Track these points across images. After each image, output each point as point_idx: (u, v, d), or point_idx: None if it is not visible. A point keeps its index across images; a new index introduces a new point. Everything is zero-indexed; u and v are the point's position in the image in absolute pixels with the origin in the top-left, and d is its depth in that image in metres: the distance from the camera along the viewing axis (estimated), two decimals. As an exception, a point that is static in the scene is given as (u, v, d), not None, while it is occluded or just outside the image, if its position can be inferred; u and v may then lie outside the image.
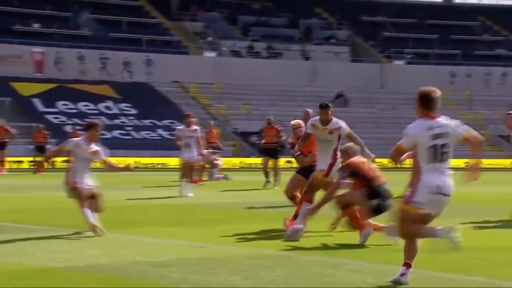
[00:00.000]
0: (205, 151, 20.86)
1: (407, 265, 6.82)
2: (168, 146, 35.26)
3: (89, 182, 10.38)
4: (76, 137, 13.10)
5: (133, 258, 8.35)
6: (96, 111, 43.88)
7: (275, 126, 22.28)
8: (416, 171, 6.86)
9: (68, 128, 41.18)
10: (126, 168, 10.95)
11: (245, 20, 56.42)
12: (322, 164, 10.77)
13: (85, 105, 44.25)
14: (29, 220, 11.98)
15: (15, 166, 35.50)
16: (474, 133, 6.95)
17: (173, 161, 34.75)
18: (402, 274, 6.80)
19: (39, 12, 48.80)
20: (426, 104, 6.87)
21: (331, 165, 10.74)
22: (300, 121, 12.23)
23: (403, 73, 54.31)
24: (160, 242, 9.64)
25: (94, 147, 10.53)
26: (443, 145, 6.82)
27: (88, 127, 10.70)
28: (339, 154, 10.61)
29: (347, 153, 10.13)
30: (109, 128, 41.74)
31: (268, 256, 8.56)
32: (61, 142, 43.83)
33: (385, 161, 45.82)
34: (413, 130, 6.89)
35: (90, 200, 10.22)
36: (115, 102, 44.88)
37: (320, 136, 10.82)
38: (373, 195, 9.73)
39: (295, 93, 49.33)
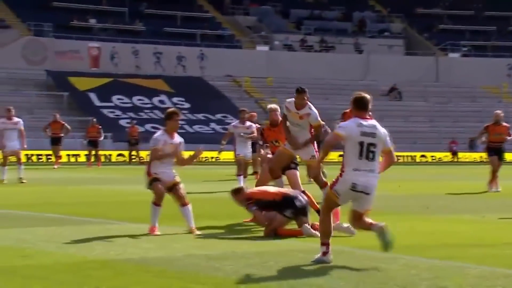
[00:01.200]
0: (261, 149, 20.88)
1: (326, 244, 7.59)
2: (220, 140, 35.45)
3: (170, 173, 10.07)
4: (134, 131, 13.16)
5: (187, 251, 8.42)
6: (150, 105, 44.37)
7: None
8: (343, 164, 7.67)
9: (123, 122, 41.78)
10: (196, 154, 10.15)
11: (298, 14, 56.29)
12: (306, 149, 10.55)
13: (140, 99, 44.76)
14: (86, 213, 12.18)
15: (72, 159, 36.19)
16: (393, 152, 7.86)
17: (226, 155, 34.93)
18: (325, 253, 7.54)
19: (95, 7, 49.52)
20: (359, 106, 7.72)
21: (316, 150, 10.58)
22: (277, 106, 11.74)
23: (458, 66, 53.49)
24: (214, 235, 9.70)
25: (177, 139, 10.15)
26: (370, 144, 7.57)
27: (168, 117, 10.16)
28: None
29: (239, 192, 10.02)
30: (163, 122, 42.09)
31: (318, 250, 8.53)
32: (116, 136, 44.87)
33: (439, 155, 45.45)
34: (347, 123, 7.80)
35: (172, 192, 10.06)
36: (168, 96, 45.29)
37: (291, 119, 10.70)
38: (283, 207, 9.73)
39: (347, 87, 49.02)
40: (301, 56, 51.93)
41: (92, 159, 31.63)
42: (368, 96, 7.80)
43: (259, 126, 23.54)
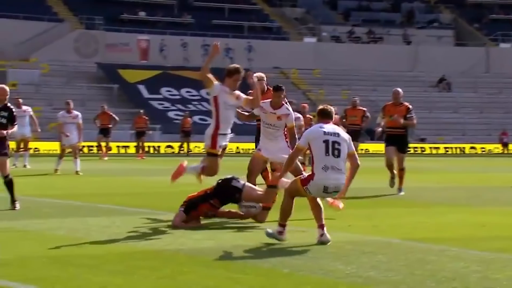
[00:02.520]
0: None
1: (283, 226, 8.36)
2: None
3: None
4: (187, 123, 13.33)
5: (235, 242, 8.49)
6: (198, 97, 44.64)
7: (361, 108, 21.66)
8: (312, 163, 8.31)
9: (171, 114, 42.15)
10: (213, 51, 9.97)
11: (345, 5, 55.94)
12: (283, 151, 9.97)
13: (188, 91, 45.07)
14: (136, 204, 12.34)
15: (122, 151, 36.66)
16: (356, 155, 8.47)
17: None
18: (280, 232, 8.32)
19: (145, 1, 49.97)
20: (323, 116, 8.49)
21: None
22: (262, 74, 11.13)
23: (509, 57, 52.56)
24: (261, 226, 9.74)
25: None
26: (334, 142, 8.22)
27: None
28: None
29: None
30: (211, 114, 42.29)
31: (369, 242, 8.52)
32: (164, 127, 45.12)
33: (489, 146, 44.73)
34: (308, 132, 8.50)
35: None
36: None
37: (266, 120, 10.16)
38: (222, 198, 9.72)
39: (396, 78, 48.58)
40: (349, 47, 51.61)
41: (141, 150, 31.99)
42: (331, 108, 8.63)
43: (310, 117, 23.50)
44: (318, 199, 8.53)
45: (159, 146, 38.49)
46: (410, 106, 14.66)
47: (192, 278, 6.53)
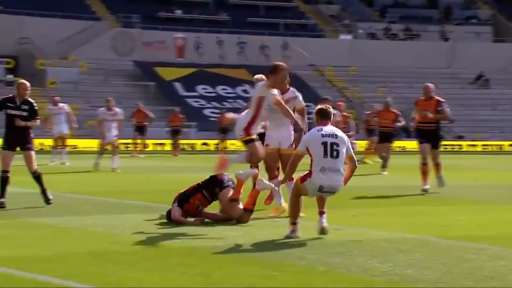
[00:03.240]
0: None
1: (295, 224, 8.50)
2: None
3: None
4: (224, 120, 13.37)
5: (271, 239, 8.50)
6: (234, 95, 44.74)
7: (393, 110, 21.20)
8: (311, 163, 8.47)
9: (207, 112, 42.29)
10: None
11: (382, 2, 55.58)
12: (286, 138, 10.24)
13: (223, 89, 45.19)
14: (172, 201, 12.40)
15: (158, 148, 36.90)
16: (355, 157, 8.71)
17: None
18: (293, 231, 8.47)
19: (181, -2, 50.23)
20: (322, 117, 8.62)
21: (295, 139, 10.22)
22: (263, 76, 10.99)
23: (549, 53, 51.82)
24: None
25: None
26: (333, 143, 8.39)
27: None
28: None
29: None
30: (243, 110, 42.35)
31: (405, 240, 8.47)
32: (200, 125, 45.24)
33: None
34: (306, 136, 8.70)
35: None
36: (252, 86, 45.50)
37: (274, 105, 10.13)
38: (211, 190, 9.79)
39: (433, 75, 48.11)
40: (385, 44, 51.27)
41: (175, 148, 32.14)
42: (330, 108, 8.78)
43: (347, 115, 23.35)
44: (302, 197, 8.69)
45: (194, 144, 38.67)
46: (441, 99, 14.45)
47: (227, 275, 6.55)
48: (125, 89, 42.48)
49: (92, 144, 34.87)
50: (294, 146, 10.09)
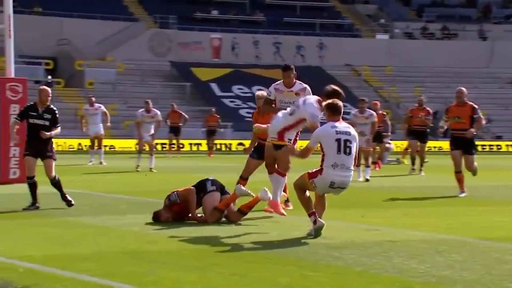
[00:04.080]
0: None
1: (312, 213, 8.50)
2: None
3: None
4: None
5: (307, 239, 8.49)
6: (269, 95, 44.72)
7: (426, 108, 20.87)
8: (322, 159, 8.48)
9: (242, 112, 42.38)
10: None
11: (419, 1, 55.17)
12: (269, 130, 10.04)
13: (259, 89, 45.08)
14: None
15: (194, 148, 37.07)
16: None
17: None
18: (315, 222, 8.46)
19: (218, -1, 50.43)
20: (333, 112, 8.62)
21: (297, 134, 9.99)
22: (264, 93, 11.23)
23: None
24: (334, 224, 9.69)
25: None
26: (346, 140, 8.42)
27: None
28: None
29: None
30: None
31: (443, 241, 8.40)
32: (236, 125, 45.47)
33: None
34: (319, 131, 8.66)
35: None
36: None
37: (286, 99, 10.25)
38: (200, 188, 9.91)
39: (471, 74, 47.70)
40: (422, 44, 50.86)
41: (211, 148, 32.24)
42: (340, 103, 8.71)
43: (384, 113, 23.17)
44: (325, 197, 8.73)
45: (230, 144, 38.76)
46: (476, 106, 13.96)
47: (264, 275, 6.56)
48: (161, 90, 42.77)
49: (129, 144, 35.19)
50: (293, 142, 10.02)
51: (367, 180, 17.13)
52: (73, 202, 11.43)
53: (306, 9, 51.68)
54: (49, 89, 11.79)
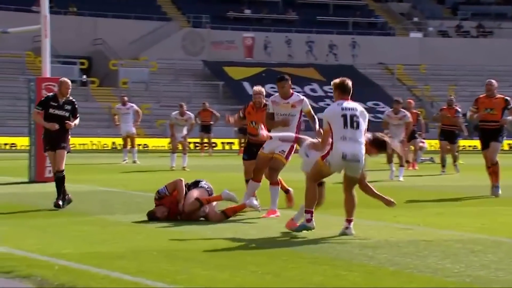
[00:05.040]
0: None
1: (310, 212, 8.44)
2: (372, 128, 35.11)
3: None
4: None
5: (340, 239, 8.46)
6: (302, 94, 44.50)
7: (455, 107, 20.41)
8: (332, 140, 8.48)
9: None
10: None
11: (454, -1, 54.67)
12: (279, 144, 10.20)
13: (292, 88, 45.13)
14: (240, 200, 12.48)
15: (227, 147, 37.16)
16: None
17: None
18: (308, 220, 8.40)
19: (251, -3, 50.47)
20: (342, 91, 8.61)
21: (292, 147, 10.25)
22: (262, 89, 11.37)
23: None
24: (367, 223, 9.67)
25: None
26: (352, 115, 8.44)
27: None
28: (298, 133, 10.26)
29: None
30: (314, 110, 42.15)
31: (478, 241, 8.32)
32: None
33: None
34: (327, 112, 8.64)
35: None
36: (320, 85, 45.42)
37: (282, 111, 10.30)
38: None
39: (506, 73, 47.09)
40: (457, 42, 50.37)
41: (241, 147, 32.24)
42: (349, 83, 8.65)
43: (417, 112, 22.90)
44: (354, 193, 8.65)
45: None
46: (508, 98, 13.73)
47: (297, 274, 6.56)
48: (194, 89, 42.93)
49: (162, 143, 35.38)
50: (286, 155, 10.25)
51: (400, 180, 17.04)
52: (60, 208, 11.00)
53: (339, 7, 51.50)
54: (69, 82, 11.75)
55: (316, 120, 10.50)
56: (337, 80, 8.75)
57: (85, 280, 6.17)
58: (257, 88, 11.40)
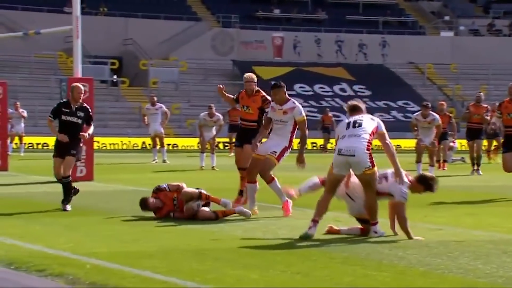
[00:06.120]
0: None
1: (316, 221, 8.37)
2: (401, 128, 34.93)
3: None
4: (328, 119, 13.42)
5: (369, 239, 8.43)
6: (331, 93, 44.56)
7: (484, 105, 19.92)
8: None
9: (304, 111, 42.26)
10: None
11: (485, -3, 54.15)
12: (273, 146, 10.39)
13: (321, 87, 45.07)
14: (268, 199, 12.49)
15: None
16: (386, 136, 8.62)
17: (406, 143, 34.36)
18: (310, 228, 8.33)
19: (281, -3, 50.45)
20: (351, 111, 8.87)
21: (285, 149, 10.39)
22: (253, 76, 11.49)
23: None
24: (397, 224, 9.61)
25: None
26: (357, 119, 8.61)
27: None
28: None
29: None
30: (344, 110, 42.15)
31: (510, 241, 8.25)
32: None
33: None
34: (337, 128, 8.92)
35: None
36: (349, 84, 45.26)
37: (275, 117, 10.44)
38: None
39: (539, 72, 46.51)
40: (489, 41, 49.88)
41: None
42: (358, 103, 8.92)
43: (449, 115, 22.56)
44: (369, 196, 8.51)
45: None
46: None
47: (327, 274, 6.55)
48: (224, 88, 43.00)
49: (192, 142, 35.52)
50: (278, 156, 10.34)
51: None
52: (67, 210, 10.84)
53: (368, 6, 51.28)
54: (81, 86, 11.40)
55: (306, 134, 10.57)
56: (349, 103, 9.02)
57: (116, 279, 6.22)
58: (248, 75, 11.60)
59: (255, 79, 11.39)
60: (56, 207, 11.10)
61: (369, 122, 8.59)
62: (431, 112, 18.28)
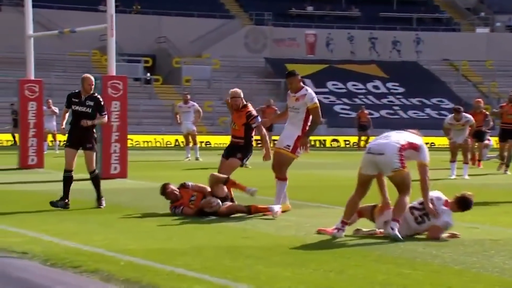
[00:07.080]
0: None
1: (345, 223, 8.28)
2: (435, 125, 34.66)
3: None
4: (364, 116, 13.36)
5: (404, 238, 8.37)
6: (364, 91, 44.34)
7: None
8: None
9: (337, 108, 42.16)
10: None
11: (522, -8, 53.41)
12: (286, 138, 10.36)
13: (354, 85, 44.88)
14: (302, 197, 12.48)
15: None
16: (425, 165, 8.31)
17: (440, 141, 34.09)
18: (338, 229, 8.24)
19: (314, -5, 50.36)
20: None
21: (298, 138, 10.26)
22: (238, 91, 11.17)
23: None
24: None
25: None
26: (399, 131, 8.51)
27: None
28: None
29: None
30: (377, 107, 41.93)
31: (547, 242, 8.13)
32: (330, 121, 45.28)
33: None
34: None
35: None
36: (383, 82, 44.99)
37: (290, 105, 10.49)
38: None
39: None
40: (525, 37, 49.28)
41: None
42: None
43: (486, 112, 22.13)
44: (403, 198, 8.31)
45: (325, 140, 38.65)
46: None
47: (360, 272, 6.52)
48: (256, 86, 43.07)
49: (225, 140, 35.58)
50: (292, 149, 10.25)
51: (465, 178, 16.75)
52: (103, 206, 10.93)
53: (402, 3, 50.92)
54: (92, 78, 11.47)
55: (319, 121, 10.49)
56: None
57: (150, 276, 6.26)
58: (232, 90, 11.35)
59: (241, 94, 11.18)
60: (90, 205, 11.20)
61: (414, 138, 8.42)
62: (463, 114, 17.94)
